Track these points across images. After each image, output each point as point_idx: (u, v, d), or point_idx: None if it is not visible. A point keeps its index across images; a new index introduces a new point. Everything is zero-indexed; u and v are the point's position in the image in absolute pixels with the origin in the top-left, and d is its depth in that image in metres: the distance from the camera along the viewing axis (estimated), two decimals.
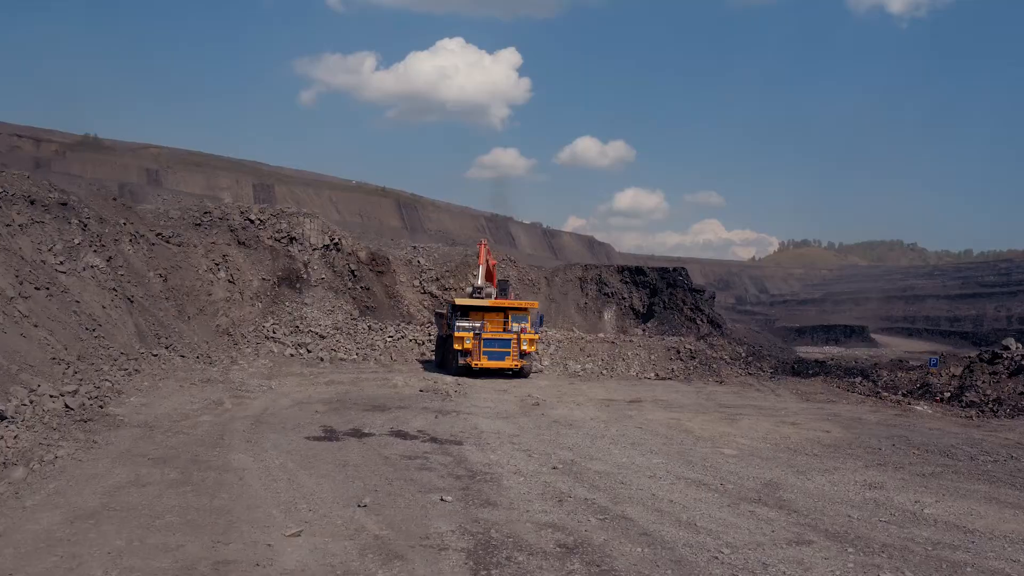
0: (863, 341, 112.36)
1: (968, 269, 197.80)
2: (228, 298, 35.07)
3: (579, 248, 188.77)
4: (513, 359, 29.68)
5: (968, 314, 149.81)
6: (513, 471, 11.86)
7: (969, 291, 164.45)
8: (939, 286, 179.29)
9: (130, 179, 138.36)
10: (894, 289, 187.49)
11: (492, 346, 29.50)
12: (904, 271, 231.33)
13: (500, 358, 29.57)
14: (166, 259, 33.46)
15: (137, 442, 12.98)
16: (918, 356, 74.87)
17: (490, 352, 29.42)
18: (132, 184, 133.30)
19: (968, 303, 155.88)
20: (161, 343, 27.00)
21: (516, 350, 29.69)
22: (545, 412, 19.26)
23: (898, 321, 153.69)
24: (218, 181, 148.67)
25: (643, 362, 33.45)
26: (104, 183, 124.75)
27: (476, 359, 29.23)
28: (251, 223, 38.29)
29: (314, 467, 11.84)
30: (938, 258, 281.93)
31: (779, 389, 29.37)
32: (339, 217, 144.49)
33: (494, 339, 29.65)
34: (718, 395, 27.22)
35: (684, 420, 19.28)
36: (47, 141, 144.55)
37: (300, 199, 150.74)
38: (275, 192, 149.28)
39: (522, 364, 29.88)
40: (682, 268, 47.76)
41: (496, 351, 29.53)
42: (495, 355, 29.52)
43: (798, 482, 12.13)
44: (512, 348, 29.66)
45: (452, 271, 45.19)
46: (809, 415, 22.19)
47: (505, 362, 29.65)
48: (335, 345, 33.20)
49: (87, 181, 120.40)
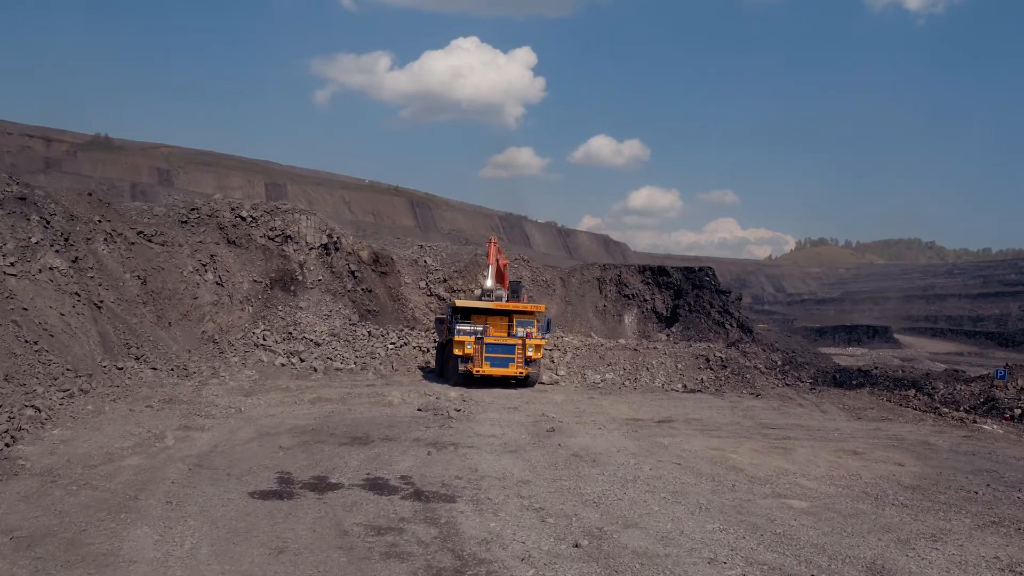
0: (887, 342, 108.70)
1: (988, 267, 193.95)
2: (215, 302, 32.22)
3: (594, 247, 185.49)
4: (518, 366, 27.00)
5: (991, 313, 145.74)
6: (520, 555, 8.48)
7: (991, 290, 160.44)
8: (960, 285, 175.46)
9: (141, 179, 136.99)
10: (914, 288, 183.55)
11: (495, 352, 26.91)
12: (923, 269, 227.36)
13: (503, 365, 26.93)
14: (147, 260, 30.64)
15: (20, 503, 9.66)
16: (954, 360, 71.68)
17: (493, 358, 26.83)
18: (143, 184, 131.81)
19: (991, 302, 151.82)
20: (131, 354, 24.16)
21: (521, 357, 27.04)
22: (562, 442, 16.15)
23: (919, 321, 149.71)
24: (229, 181, 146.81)
25: (669, 372, 30.34)
26: (115, 183, 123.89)
27: (478, 366, 26.66)
28: (242, 220, 35.41)
29: (236, 555, 8.45)
30: (957, 256, 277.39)
31: (823, 403, 26.21)
32: (351, 216, 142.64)
33: (497, 344, 27.03)
34: (756, 412, 24.10)
35: (728, 451, 16.17)
36: (58, 141, 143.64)
37: (312, 198, 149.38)
38: (287, 191, 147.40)
39: (527, 372, 27.24)
40: (708, 268, 44.41)
41: (499, 357, 26.93)
42: (498, 362, 26.89)
43: (911, 564, 8.95)
44: (517, 354, 27.06)
45: (461, 271, 42.15)
46: (869, 439, 19.05)
47: (509, 369, 26.97)
48: (331, 353, 30.27)
49: (97, 181, 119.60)
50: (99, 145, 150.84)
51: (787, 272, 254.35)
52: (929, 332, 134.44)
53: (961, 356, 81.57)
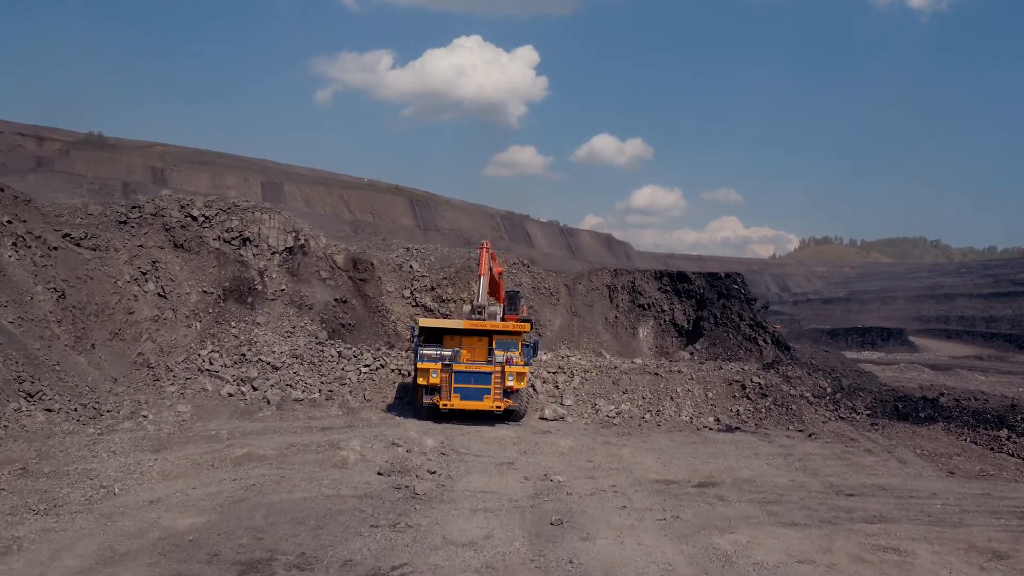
0: (902, 344, 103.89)
1: (996, 266, 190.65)
2: (156, 317, 27.05)
3: (597, 247, 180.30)
4: (494, 399, 21.99)
5: (1004, 314, 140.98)
6: None
7: (1002, 289, 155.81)
8: (969, 284, 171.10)
9: (135, 178, 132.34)
10: (922, 287, 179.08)
11: (466, 381, 21.99)
12: (930, 268, 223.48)
13: (477, 397, 22.01)
14: (70, 268, 25.47)
15: None
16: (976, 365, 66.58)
17: (464, 390, 21.96)
18: (135, 183, 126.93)
19: (1002, 302, 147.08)
20: (22, 389, 19.02)
21: (498, 387, 22.02)
22: (575, 553, 10.86)
23: (931, 322, 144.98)
24: (225, 179, 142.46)
25: (697, 402, 25.16)
26: (107, 182, 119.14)
27: (445, 398, 21.83)
28: (193, 220, 30.18)
29: None
30: (963, 255, 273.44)
31: (895, 447, 21.03)
32: (350, 216, 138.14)
33: (469, 373, 22.09)
34: (818, 463, 18.93)
35: (821, 563, 10.99)
36: (50, 139, 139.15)
37: (310, 197, 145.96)
38: (284, 190, 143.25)
39: (506, 405, 22.25)
40: (736, 274, 38.85)
41: (472, 388, 22.04)
42: (470, 393, 22.01)
43: None
44: (493, 384, 22.04)
45: (451, 278, 36.88)
46: (990, 517, 14.01)
47: (483, 403, 22.02)
48: (291, 379, 25.12)
49: (89, 180, 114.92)
50: (93, 144, 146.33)
51: (792, 271, 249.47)
52: (943, 334, 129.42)
53: (981, 360, 76.84)
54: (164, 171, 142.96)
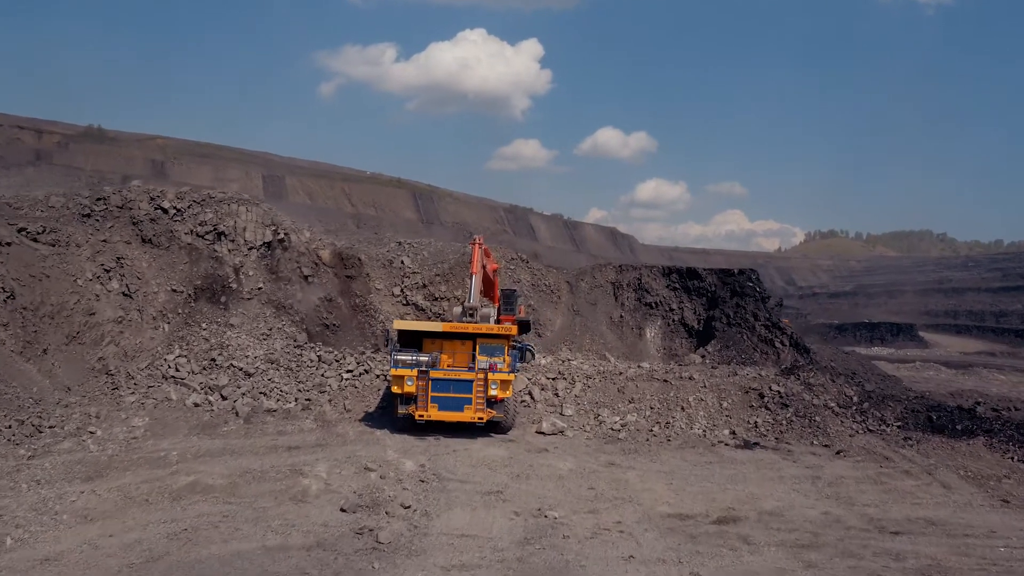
0: (912, 340, 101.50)
1: (1004, 260, 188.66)
2: (120, 319, 24.86)
3: (601, 240, 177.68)
4: (476, 409, 19.86)
5: (1014, 308, 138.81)
6: None
7: (1011, 284, 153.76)
8: (976, 278, 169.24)
9: (135, 171, 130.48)
10: (929, 281, 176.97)
11: (444, 390, 19.85)
12: (936, 262, 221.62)
13: (456, 408, 19.91)
14: (24, 266, 23.26)
15: None
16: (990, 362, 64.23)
17: (442, 399, 19.84)
18: (134, 176, 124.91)
19: (1012, 296, 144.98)
20: None
21: (481, 397, 19.85)
22: None
23: (940, 316, 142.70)
24: (227, 172, 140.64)
25: (711, 412, 22.84)
26: (105, 175, 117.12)
27: (422, 408, 19.76)
28: (164, 213, 27.92)
29: None
30: (969, 248, 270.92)
31: (935, 468, 18.70)
32: (352, 209, 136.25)
33: (447, 381, 19.93)
34: (851, 488, 16.65)
35: None
36: (49, 132, 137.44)
37: (312, 191, 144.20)
38: (286, 183, 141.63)
39: (490, 416, 20.09)
40: (751, 271, 36.27)
41: (450, 397, 19.90)
42: (449, 403, 19.89)
43: None
44: (475, 394, 19.87)
45: (444, 275, 34.55)
46: None
47: (463, 414, 19.92)
48: (265, 386, 22.85)
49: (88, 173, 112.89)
50: (92, 137, 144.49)
51: (797, 265, 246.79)
52: (953, 329, 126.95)
53: (994, 356, 74.51)
54: (164, 164, 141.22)
